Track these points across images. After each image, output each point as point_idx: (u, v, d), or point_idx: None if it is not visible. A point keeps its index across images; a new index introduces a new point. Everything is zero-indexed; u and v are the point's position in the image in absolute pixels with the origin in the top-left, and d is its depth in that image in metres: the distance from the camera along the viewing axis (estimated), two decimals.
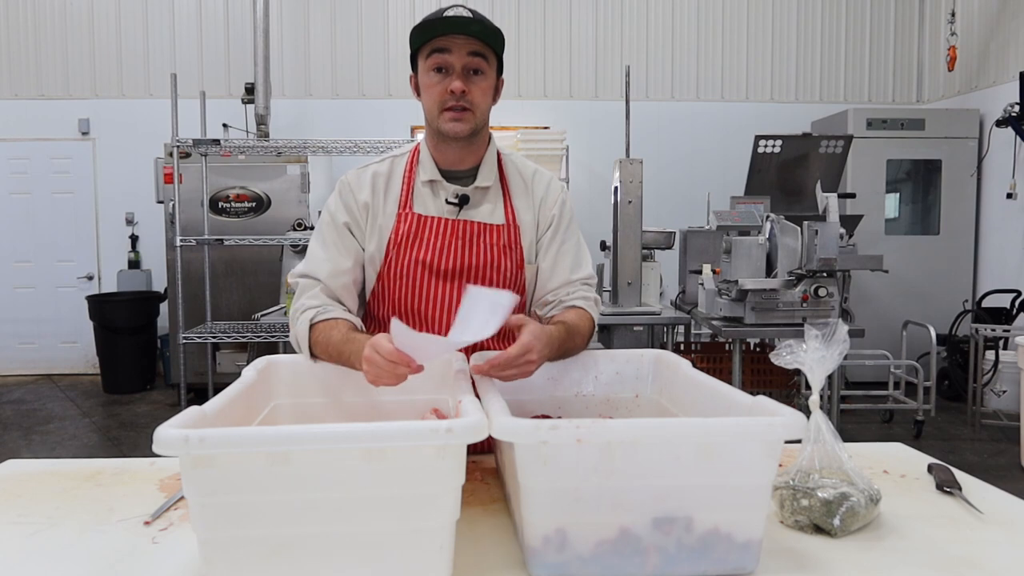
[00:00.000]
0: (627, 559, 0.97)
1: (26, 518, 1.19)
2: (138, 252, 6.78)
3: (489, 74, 1.44)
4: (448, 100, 1.41)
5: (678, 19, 6.88)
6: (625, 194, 4.28)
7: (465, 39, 1.39)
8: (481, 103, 1.44)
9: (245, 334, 5.02)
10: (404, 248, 1.49)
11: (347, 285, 1.51)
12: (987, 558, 1.04)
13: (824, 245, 3.53)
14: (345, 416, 1.36)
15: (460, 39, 1.39)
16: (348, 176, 1.55)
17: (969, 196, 6.10)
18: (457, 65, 1.40)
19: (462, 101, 1.41)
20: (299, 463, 0.88)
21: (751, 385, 4.28)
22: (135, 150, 6.51)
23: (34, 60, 6.68)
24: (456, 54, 1.40)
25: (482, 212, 1.52)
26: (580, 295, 1.54)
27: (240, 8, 6.64)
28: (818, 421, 1.15)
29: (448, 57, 1.40)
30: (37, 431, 5.10)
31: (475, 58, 1.41)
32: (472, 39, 1.39)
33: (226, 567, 0.91)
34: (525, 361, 1.24)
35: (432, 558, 0.94)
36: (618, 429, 0.94)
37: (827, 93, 6.95)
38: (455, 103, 1.41)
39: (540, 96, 6.79)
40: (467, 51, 1.40)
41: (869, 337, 4.41)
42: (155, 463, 1.44)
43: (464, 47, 1.40)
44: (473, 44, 1.40)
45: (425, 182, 1.52)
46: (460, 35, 1.39)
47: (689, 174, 6.70)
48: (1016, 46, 5.78)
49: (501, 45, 1.45)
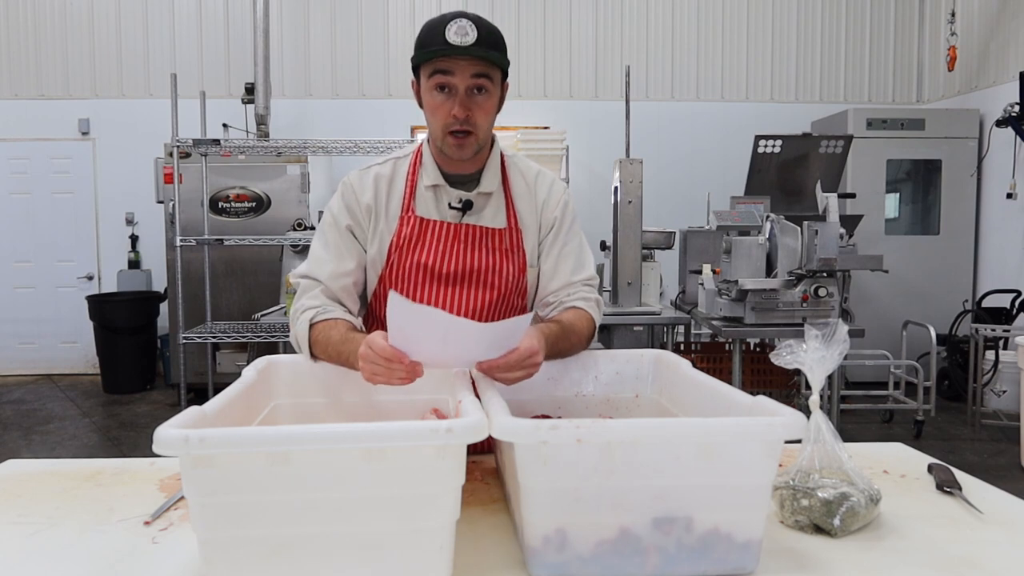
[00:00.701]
0: (627, 559, 0.97)
1: (26, 518, 1.19)
2: (138, 252, 6.78)
3: (493, 91, 1.43)
4: (451, 124, 1.41)
5: (678, 19, 6.88)
6: (625, 194, 4.28)
7: (468, 61, 1.37)
8: (483, 123, 1.44)
9: (245, 334, 5.02)
10: (406, 251, 1.49)
11: (348, 287, 1.51)
12: (987, 558, 1.04)
13: (824, 245, 3.53)
14: (345, 416, 1.36)
15: (463, 61, 1.37)
16: (350, 177, 1.55)
17: (969, 196, 6.10)
18: (460, 87, 1.39)
19: (465, 125, 1.41)
20: (299, 463, 0.88)
21: (751, 385, 4.28)
22: (135, 150, 6.51)
23: (34, 60, 6.68)
24: (459, 76, 1.38)
25: (485, 216, 1.52)
26: (581, 296, 1.54)
27: (240, 8, 6.64)
28: (818, 421, 1.15)
29: (451, 79, 1.38)
30: (37, 431, 5.10)
31: (478, 79, 1.39)
32: (476, 61, 1.38)
33: (226, 567, 0.91)
34: (531, 364, 1.24)
35: (432, 558, 0.94)
36: (618, 429, 0.94)
37: (827, 93, 6.96)
38: (458, 128, 1.41)
39: (540, 96, 6.80)
40: (470, 73, 1.38)
41: (869, 337, 4.41)
42: (155, 463, 1.44)
43: (467, 69, 1.38)
44: (477, 66, 1.38)
45: (428, 187, 1.51)
46: (463, 57, 1.37)
47: (689, 174, 6.70)
48: (1016, 46, 5.78)
49: (504, 56, 1.43)
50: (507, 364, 1.20)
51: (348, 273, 1.50)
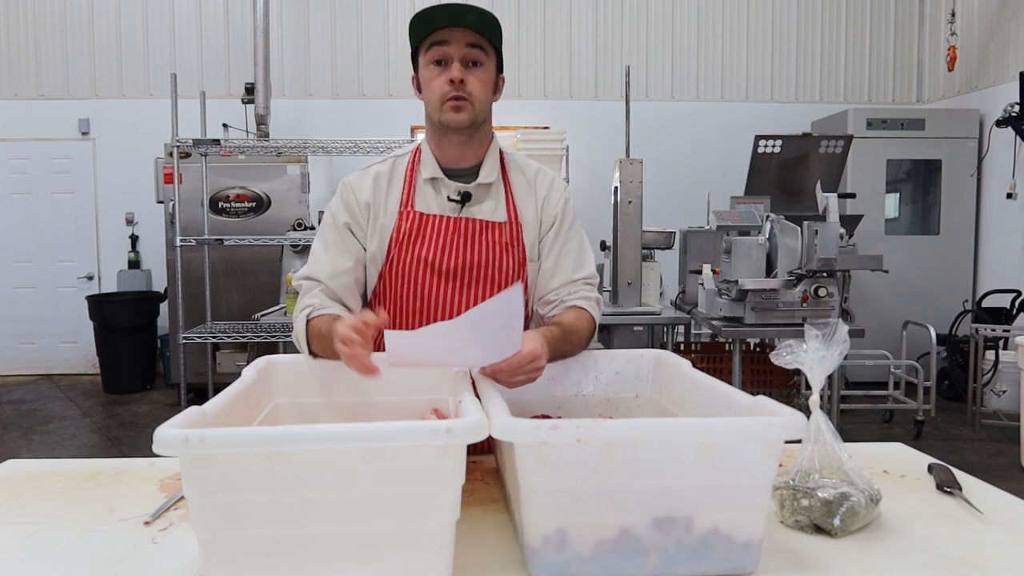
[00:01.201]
0: (627, 559, 0.97)
1: (26, 518, 1.19)
2: (138, 252, 6.78)
3: (488, 66, 1.46)
4: (448, 91, 1.43)
5: (678, 19, 6.88)
6: (625, 194, 4.28)
7: (463, 31, 1.41)
8: (480, 94, 1.45)
9: (245, 334, 5.02)
10: (406, 246, 1.50)
11: (348, 284, 1.51)
12: (987, 558, 1.04)
13: (824, 245, 3.53)
14: (345, 416, 1.35)
15: (458, 31, 1.41)
16: (350, 177, 1.56)
17: (969, 196, 6.10)
18: (455, 56, 1.42)
19: (461, 91, 1.42)
20: (299, 463, 0.88)
21: (751, 385, 4.28)
22: (135, 150, 6.51)
23: (34, 60, 6.68)
24: (454, 46, 1.42)
25: (484, 210, 1.53)
26: (581, 295, 1.54)
27: (240, 8, 6.64)
28: (818, 421, 1.15)
29: (447, 49, 1.42)
30: (37, 431, 5.10)
31: (473, 50, 1.43)
32: (469, 31, 1.41)
33: (226, 567, 0.91)
34: (534, 368, 1.24)
35: (432, 558, 0.94)
36: (618, 429, 0.94)
37: (827, 93, 6.95)
38: (454, 93, 1.42)
39: (540, 96, 6.79)
40: (465, 43, 1.42)
41: (869, 337, 4.41)
42: (155, 463, 1.44)
43: (462, 39, 1.42)
44: (471, 36, 1.42)
45: (427, 180, 1.52)
46: (458, 27, 1.41)
47: (689, 174, 6.70)
48: (1016, 46, 5.78)
49: (499, 37, 1.47)
50: (511, 367, 1.21)
51: (347, 271, 1.51)
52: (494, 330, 1.17)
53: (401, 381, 1.31)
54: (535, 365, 1.23)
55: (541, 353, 1.24)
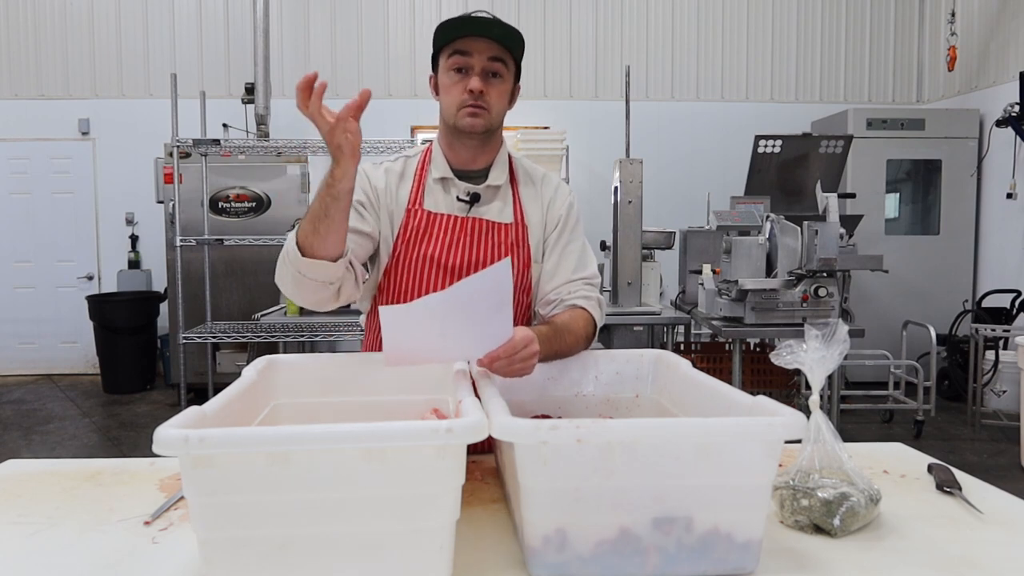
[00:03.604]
0: (627, 559, 0.97)
1: (26, 518, 1.19)
2: (138, 252, 6.78)
3: (507, 78, 1.49)
4: (467, 100, 1.45)
5: (678, 19, 6.88)
6: (625, 194, 4.28)
7: (486, 43, 1.43)
8: (497, 104, 1.48)
9: (245, 334, 5.02)
10: (413, 243, 1.51)
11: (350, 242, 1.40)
12: (987, 558, 1.04)
13: (824, 245, 3.53)
14: (345, 416, 1.35)
15: (481, 42, 1.43)
16: (363, 166, 1.54)
17: (969, 196, 6.11)
18: (477, 67, 1.44)
19: (480, 101, 1.45)
20: (299, 463, 0.88)
21: (751, 385, 4.28)
22: (135, 150, 6.51)
23: (34, 60, 6.68)
24: (476, 57, 1.44)
25: (492, 210, 1.55)
26: (581, 294, 1.54)
27: (240, 8, 6.64)
28: (818, 421, 1.15)
29: (468, 59, 1.44)
30: (37, 431, 5.10)
31: (494, 63, 1.45)
32: (493, 43, 1.44)
33: (226, 567, 0.91)
34: (529, 353, 1.24)
35: (432, 558, 0.94)
36: (618, 429, 0.94)
37: (827, 93, 6.96)
38: (473, 102, 1.44)
39: (540, 96, 6.80)
40: (487, 55, 1.44)
41: (869, 337, 4.41)
42: (155, 463, 1.44)
43: (485, 51, 1.44)
44: (493, 48, 1.44)
45: (437, 180, 1.54)
46: (481, 38, 1.43)
47: (689, 174, 6.70)
48: (1016, 46, 5.78)
49: (520, 50, 1.49)
50: (506, 354, 1.21)
51: (351, 230, 1.42)
52: (487, 312, 1.17)
53: (401, 381, 1.31)
54: (530, 350, 1.24)
55: (533, 337, 1.24)
